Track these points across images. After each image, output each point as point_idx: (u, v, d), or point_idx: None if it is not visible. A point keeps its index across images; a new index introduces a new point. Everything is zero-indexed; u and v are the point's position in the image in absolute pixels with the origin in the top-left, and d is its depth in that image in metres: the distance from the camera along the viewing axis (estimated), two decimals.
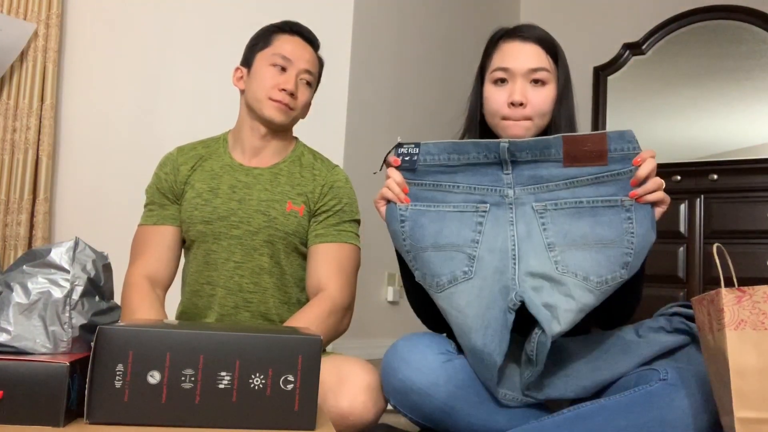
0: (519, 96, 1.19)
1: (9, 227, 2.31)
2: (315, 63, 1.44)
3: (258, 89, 1.39)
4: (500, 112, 1.21)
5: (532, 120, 1.20)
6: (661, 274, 2.94)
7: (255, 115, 1.41)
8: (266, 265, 1.38)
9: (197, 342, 0.78)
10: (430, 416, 1.10)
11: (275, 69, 1.38)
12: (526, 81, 1.20)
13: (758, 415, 0.83)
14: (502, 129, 1.22)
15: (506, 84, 1.21)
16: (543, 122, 1.22)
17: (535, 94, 1.20)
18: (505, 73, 1.21)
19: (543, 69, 1.20)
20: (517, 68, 1.20)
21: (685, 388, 0.97)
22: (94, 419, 0.76)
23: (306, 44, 1.43)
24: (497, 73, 1.22)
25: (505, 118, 1.21)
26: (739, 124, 3.23)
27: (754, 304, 0.84)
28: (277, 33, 1.43)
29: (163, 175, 1.44)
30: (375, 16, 2.73)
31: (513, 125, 1.20)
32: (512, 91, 1.20)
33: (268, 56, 1.40)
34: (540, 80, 1.20)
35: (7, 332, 0.81)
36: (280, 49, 1.40)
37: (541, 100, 1.20)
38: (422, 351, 1.10)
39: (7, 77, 2.35)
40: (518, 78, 1.20)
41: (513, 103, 1.19)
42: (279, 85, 1.37)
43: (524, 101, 1.19)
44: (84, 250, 0.88)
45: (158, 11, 2.50)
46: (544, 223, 1.08)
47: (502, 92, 1.21)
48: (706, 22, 3.38)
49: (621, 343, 1.12)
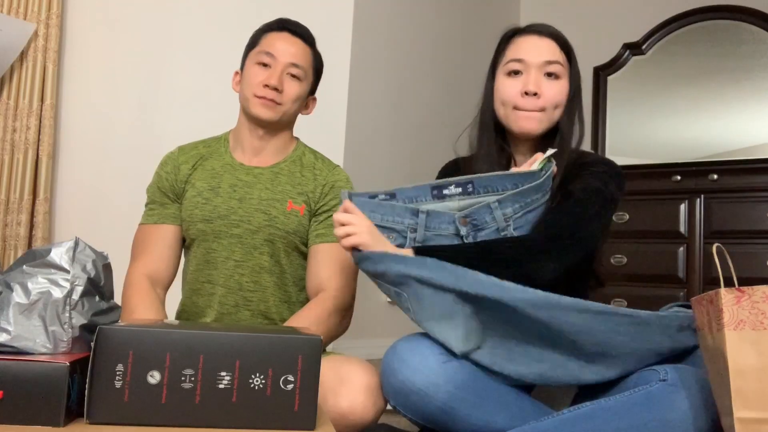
0: (533, 86, 1.20)
1: (9, 227, 2.31)
2: (304, 56, 1.42)
3: (245, 89, 1.40)
4: (513, 101, 1.22)
5: (544, 111, 1.21)
6: (661, 274, 2.94)
7: (248, 116, 1.42)
8: (266, 264, 1.38)
9: (197, 342, 0.78)
10: (429, 417, 1.09)
11: (259, 66, 1.39)
12: (540, 73, 1.21)
13: (758, 415, 0.82)
14: (513, 120, 1.23)
15: (520, 75, 1.22)
16: (555, 116, 1.23)
17: (549, 86, 1.21)
18: (520, 65, 1.22)
19: (557, 62, 1.22)
20: (532, 59, 1.21)
21: (686, 388, 0.97)
22: (94, 419, 0.76)
23: (294, 38, 1.42)
24: (511, 65, 1.23)
25: (517, 108, 1.22)
26: (739, 124, 3.22)
27: (753, 304, 0.84)
28: (266, 32, 1.44)
29: (164, 174, 1.44)
30: (375, 16, 2.73)
31: (525, 117, 1.21)
32: (526, 81, 1.21)
33: (254, 55, 1.41)
34: (554, 73, 1.21)
35: (7, 332, 0.81)
36: (265, 46, 1.40)
37: (556, 92, 1.22)
38: (422, 352, 1.10)
39: (7, 77, 2.35)
40: (532, 69, 1.21)
41: (527, 92, 1.20)
42: (262, 82, 1.37)
43: (538, 91, 1.20)
44: (84, 250, 0.88)
45: (158, 11, 2.50)
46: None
47: (515, 82, 1.22)
48: (706, 22, 3.38)
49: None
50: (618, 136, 3.53)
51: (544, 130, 1.25)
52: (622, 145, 3.51)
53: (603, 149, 3.54)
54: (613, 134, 3.55)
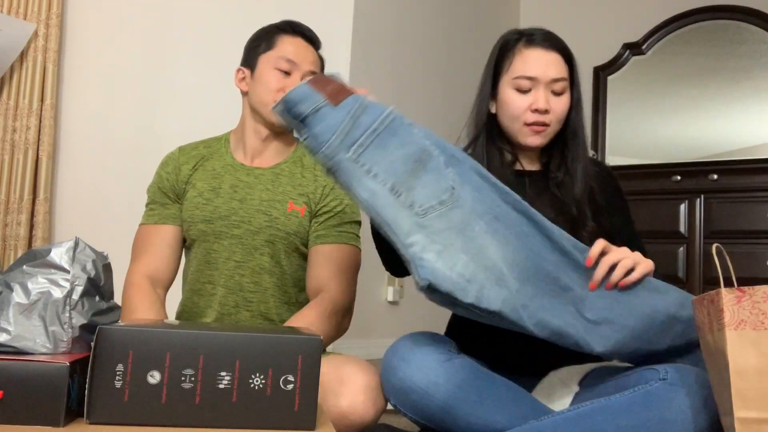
0: (543, 103, 1.24)
1: (9, 227, 2.31)
2: (317, 64, 1.44)
3: (264, 93, 1.38)
4: (523, 117, 1.26)
5: (550, 126, 1.26)
6: (660, 273, 2.93)
7: (259, 118, 1.41)
8: (267, 265, 1.38)
9: (197, 342, 0.78)
10: (430, 416, 1.09)
11: (280, 73, 1.38)
12: (548, 90, 1.25)
13: (758, 415, 0.82)
14: (522, 135, 1.27)
15: (529, 91, 1.26)
16: (557, 128, 1.28)
17: (556, 102, 1.26)
18: (530, 82, 1.25)
19: (563, 79, 1.26)
20: (542, 77, 1.24)
21: (685, 387, 0.97)
22: (94, 419, 0.76)
23: (308, 45, 1.43)
24: (522, 82, 1.25)
25: (526, 123, 1.26)
26: (739, 124, 3.22)
27: (753, 304, 0.84)
28: (280, 34, 1.42)
29: (165, 175, 1.44)
30: (375, 16, 2.73)
31: (534, 132, 1.26)
32: (536, 98, 1.24)
33: (272, 59, 1.39)
34: (560, 91, 1.26)
35: (7, 332, 0.81)
36: (283, 51, 1.39)
37: (562, 107, 1.26)
38: (422, 350, 1.10)
39: (7, 77, 2.34)
40: (542, 86, 1.25)
41: (538, 110, 1.24)
42: (285, 89, 1.35)
43: (548, 108, 1.24)
44: (84, 250, 0.88)
45: (158, 11, 2.50)
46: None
47: (525, 99, 1.26)
48: (706, 22, 3.38)
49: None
50: (618, 136, 3.53)
51: (547, 142, 1.29)
52: (622, 145, 3.52)
53: (603, 149, 3.54)
54: (613, 134, 3.55)
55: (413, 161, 1.04)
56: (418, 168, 1.04)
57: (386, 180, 1.02)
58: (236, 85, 1.46)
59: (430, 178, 1.04)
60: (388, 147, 1.04)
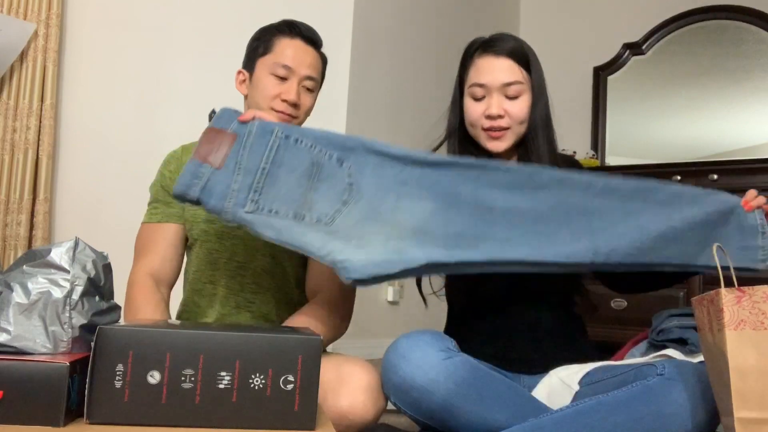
0: (495, 109, 1.26)
1: (9, 227, 2.30)
2: (317, 65, 1.41)
3: (260, 99, 1.36)
4: (479, 124, 1.29)
5: (510, 129, 1.28)
6: None
7: None
8: (268, 266, 1.38)
9: (197, 342, 0.78)
10: (430, 414, 1.10)
11: (276, 79, 1.36)
12: (502, 94, 1.27)
13: (758, 415, 0.83)
14: (483, 140, 1.31)
15: (483, 99, 1.29)
16: (522, 129, 1.30)
17: (511, 105, 1.28)
18: (482, 89, 1.28)
19: (516, 83, 1.27)
20: (492, 83, 1.27)
21: (683, 382, 0.98)
22: (94, 419, 0.76)
23: (307, 46, 1.40)
24: (475, 89, 1.29)
25: (483, 129, 1.29)
26: (739, 124, 3.22)
27: (753, 305, 0.84)
28: (278, 36, 1.40)
29: (168, 173, 1.43)
30: (375, 16, 2.73)
31: (493, 137, 1.29)
32: (489, 104, 1.27)
33: (269, 64, 1.37)
34: (514, 95, 1.27)
35: (7, 332, 0.81)
36: (281, 56, 1.36)
37: (518, 109, 1.28)
38: (423, 348, 1.10)
39: (7, 77, 2.34)
40: (494, 92, 1.27)
41: (490, 116, 1.27)
42: (281, 96, 1.35)
43: (501, 113, 1.27)
44: (84, 250, 0.88)
45: (158, 11, 2.50)
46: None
47: (480, 105, 1.29)
48: (706, 22, 3.38)
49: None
50: (618, 136, 3.53)
51: (513, 144, 1.31)
52: (622, 145, 3.52)
53: (603, 149, 3.54)
54: (613, 134, 3.55)
55: (306, 179, 1.10)
56: (312, 183, 1.10)
57: (287, 212, 1.08)
58: (236, 88, 1.45)
59: (327, 186, 1.10)
60: (279, 179, 1.10)
